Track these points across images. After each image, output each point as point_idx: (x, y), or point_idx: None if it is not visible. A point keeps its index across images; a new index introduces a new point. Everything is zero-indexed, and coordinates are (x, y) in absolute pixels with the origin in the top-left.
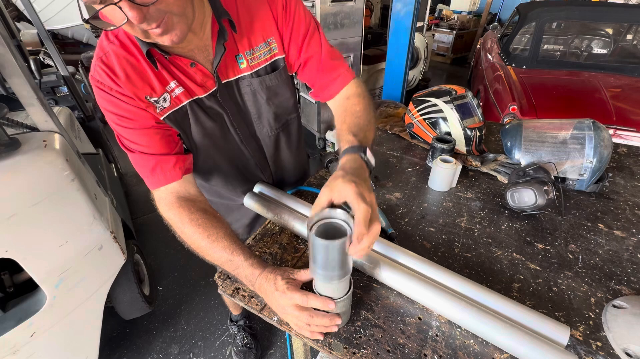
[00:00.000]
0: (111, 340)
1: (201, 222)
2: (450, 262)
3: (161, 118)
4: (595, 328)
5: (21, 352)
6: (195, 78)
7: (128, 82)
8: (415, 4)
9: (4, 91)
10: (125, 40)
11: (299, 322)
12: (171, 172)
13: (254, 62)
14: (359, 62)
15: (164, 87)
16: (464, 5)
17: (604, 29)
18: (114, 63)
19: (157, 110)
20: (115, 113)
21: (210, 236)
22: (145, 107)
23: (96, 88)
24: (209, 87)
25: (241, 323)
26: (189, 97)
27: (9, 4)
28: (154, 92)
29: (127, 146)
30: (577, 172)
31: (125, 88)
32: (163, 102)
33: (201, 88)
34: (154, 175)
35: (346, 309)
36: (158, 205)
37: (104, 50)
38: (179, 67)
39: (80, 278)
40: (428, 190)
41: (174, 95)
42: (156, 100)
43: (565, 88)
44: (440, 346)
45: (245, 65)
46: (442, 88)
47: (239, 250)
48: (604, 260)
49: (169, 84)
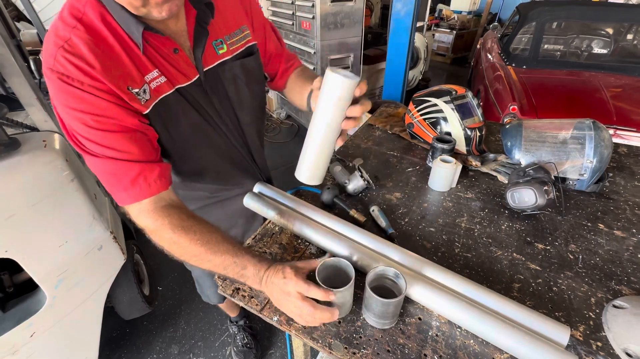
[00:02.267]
0: (111, 340)
1: (196, 229)
2: (451, 262)
3: (146, 112)
4: (595, 328)
5: (21, 352)
6: (178, 66)
7: (105, 72)
8: (415, 4)
9: (4, 91)
10: (94, 21)
11: (301, 312)
12: (156, 182)
13: (233, 47)
14: (359, 62)
15: (143, 76)
16: (464, 5)
17: (604, 29)
18: (83, 51)
19: (142, 102)
20: (88, 112)
21: (209, 242)
22: (127, 100)
23: (60, 84)
24: (191, 75)
25: (241, 323)
26: (171, 86)
27: (9, 4)
28: (135, 83)
29: (96, 152)
30: (577, 172)
31: (105, 81)
32: (144, 94)
33: (184, 77)
34: (135, 186)
35: (346, 301)
36: (138, 218)
37: (64, 37)
38: (163, 54)
39: (80, 278)
40: (428, 190)
41: (154, 85)
42: (137, 92)
43: (565, 88)
44: (440, 346)
45: (225, 50)
46: (442, 88)
47: (242, 251)
48: (604, 260)
49: (149, 73)
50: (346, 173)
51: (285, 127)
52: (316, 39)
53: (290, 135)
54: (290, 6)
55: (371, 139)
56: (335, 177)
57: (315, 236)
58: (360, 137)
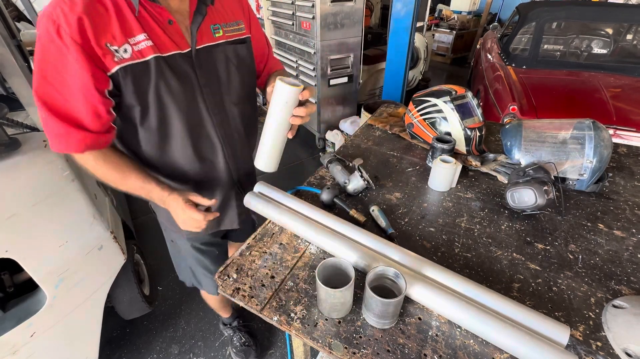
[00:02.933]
0: (111, 340)
1: (114, 159)
2: (450, 262)
3: (114, 69)
4: (595, 328)
5: (21, 352)
6: (171, 36)
7: (91, 26)
8: (415, 4)
9: (4, 91)
10: None
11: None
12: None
13: (229, 34)
14: (359, 62)
15: (127, 37)
16: (464, 5)
17: (604, 29)
18: (78, 5)
19: (115, 58)
20: (50, 62)
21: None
22: (100, 55)
23: (53, 30)
24: (182, 47)
25: (235, 324)
26: (156, 51)
27: (9, 4)
28: (115, 41)
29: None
30: (577, 172)
31: (88, 33)
32: (123, 53)
33: (175, 46)
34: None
35: (346, 301)
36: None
37: None
38: (157, 21)
39: (80, 278)
40: (428, 190)
41: (137, 48)
42: (116, 49)
43: (565, 88)
44: (440, 346)
45: (221, 34)
46: (442, 88)
47: (149, 178)
48: (604, 260)
49: (134, 36)
50: (346, 173)
51: None
52: (316, 39)
53: None
54: (290, 6)
55: (371, 139)
56: (335, 177)
57: (315, 236)
58: (360, 137)
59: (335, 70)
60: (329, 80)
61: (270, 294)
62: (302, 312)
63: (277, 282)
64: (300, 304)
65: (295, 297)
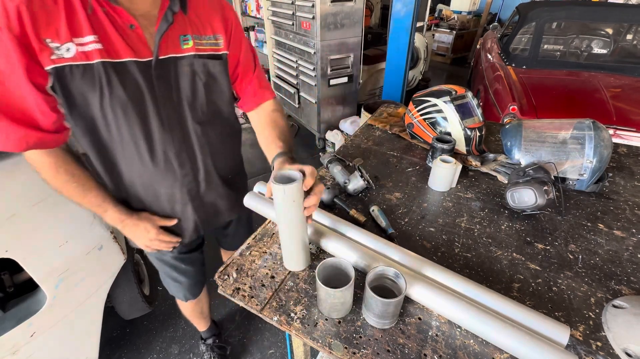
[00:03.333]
0: (111, 340)
1: (75, 172)
2: (450, 262)
3: (49, 67)
4: (595, 328)
5: (21, 352)
6: (129, 41)
7: (30, 18)
8: (415, 4)
9: None
10: None
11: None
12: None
13: (200, 47)
14: (359, 62)
15: (72, 36)
16: (464, 5)
17: (604, 29)
18: None
19: (52, 56)
20: None
21: (84, 185)
22: (37, 50)
23: None
24: (142, 54)
25: (209, 341)
26: (104, 56)
27: None
28: (57, 37)
29: None
30: (577, 172)
31: (26, 25)
32: (65, 52)
33: (133, 53)
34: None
35: (346, 301)
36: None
37: None
38: (116, 24)
39: (80, 278)
40: (428, 190)
41: (83, 49)
42: (57, 46)
43: (565, 88)
44: (440, 346)
45: (190, 46)
46: (442, 88)
47: (108, 197)
48: (604, 260)
49: (82, 36)
50: (346, 173)
51: None
52: (316, 39)
53: None
54: (290, 6)
55: (371, 139)
56: (335, 177)
57: (315, 236)
58: (360, 137)
59: (335, 70)
60: (329, 80)
61: (270, 294)
62: (302, 312)
63: (277, 282)
64: (300, 304)
65: (295, 297)
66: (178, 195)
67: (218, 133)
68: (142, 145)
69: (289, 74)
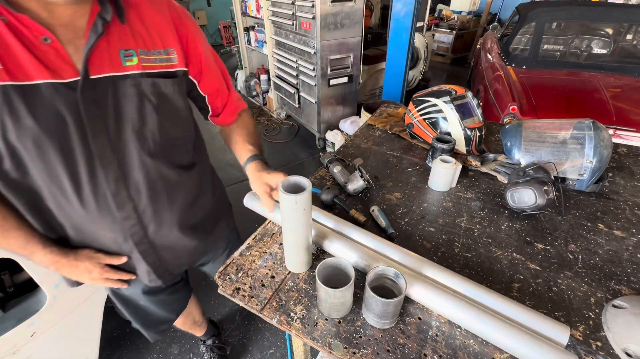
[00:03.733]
0: (111, 340)
1: None
2: (450, 262)
3: None
4: (595, 328)
5: (21, 352)
6: (44, 58)
7: None
8: (415, 4)
9: None
10: None
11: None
12: None
13: (148, 64)
14: (359, 62)
15: None
16: (464, 5)
17: (603, 29)
18: None
19: None
20: None
21: (2, 226)
22: None
23: None
24: (64, 75)
25: (209, 342)
26: (5, 79)
27: None
28: None
29: None
30: (577, 172)
31: None
32: None
33: (48, 72)
34: None
35: (346, 301)
36: None
37: None
38: (22, 37)
39: None
40: (428, 190)
41: None
42: None
43: (565, 88)
44: (440, 346)
45: (135, 63)
46: (442, 88)
47: (34, 237)
48: (604, 260)
49: None
50: (346, 173)
51: (286, 127)
52: (316, 39)
53: (290, 135)
54: (290, 6)
55: (371, 139)
56: (335, 177)
57: (315, 236)
58: (360, 137)
59: (335, 70)
60: (329, 80)
61: (270, 294)
62: (302, 312)
63: (277, 282)
64: (300, 304)
65: (295, 297)
66: (120, 239)
67: (176, 166)
68: (66, 184)
69: (289, 74)
